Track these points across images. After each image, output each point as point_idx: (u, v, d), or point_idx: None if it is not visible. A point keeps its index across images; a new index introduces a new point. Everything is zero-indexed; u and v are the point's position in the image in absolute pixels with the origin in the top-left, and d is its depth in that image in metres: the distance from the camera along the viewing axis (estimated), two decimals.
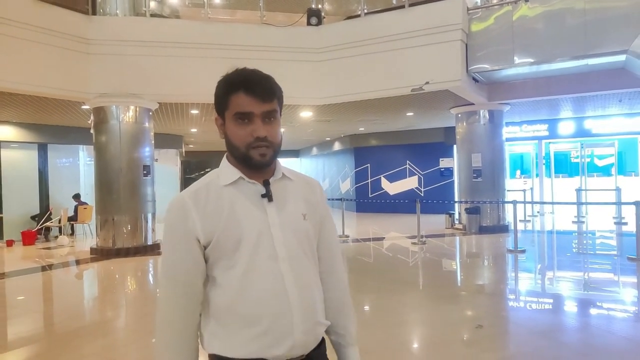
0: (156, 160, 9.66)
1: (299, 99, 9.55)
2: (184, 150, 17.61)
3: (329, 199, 12.96)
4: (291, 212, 1.27)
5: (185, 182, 23.97)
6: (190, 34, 8.85)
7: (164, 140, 13.70)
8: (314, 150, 21.45)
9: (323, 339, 1.31)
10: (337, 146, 18.32)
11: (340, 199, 11.98)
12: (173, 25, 9.19)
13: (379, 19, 8.99)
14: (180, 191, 1.39)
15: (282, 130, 1.30)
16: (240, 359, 1.19)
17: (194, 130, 13.90)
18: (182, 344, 1.23)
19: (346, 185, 17.69)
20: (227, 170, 1.26)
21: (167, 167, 14.19)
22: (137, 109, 9.07)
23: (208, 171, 1.34)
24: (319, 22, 9.33)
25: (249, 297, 1.19)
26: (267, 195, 1.24)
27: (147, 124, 9.30)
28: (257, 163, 1.22)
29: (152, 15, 9.02)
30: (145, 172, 9.26)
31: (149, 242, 9.25)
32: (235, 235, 1.20)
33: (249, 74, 1.25)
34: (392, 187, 16.00)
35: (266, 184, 1.25)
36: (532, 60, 8.27)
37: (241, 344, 1.19)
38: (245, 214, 1.22)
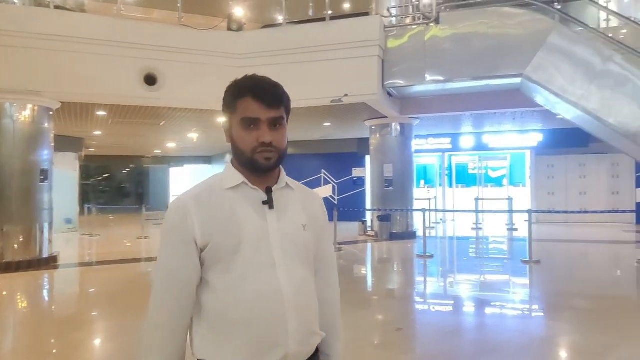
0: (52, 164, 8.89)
1: (216, 104, 9.33)
2: (83, 154, 16.42)
3: None
4: (291, 221, 1.27)
5: (82, 188, 22.37)
6: (100, 30, 8.30)
7: (62, 143, 12.65)
8: (227, 157, 21.07)
9: (317, 350, 1.31)
10: None
11: None
12: (80, 20, 8.58)
13: (301, 29, 9.14)
14: (79, 199, 1.34)
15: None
16: None
17: (98, 132, 13.07)
18: (170, 346, 1.21)
19: None
20: (230, 174, 1.27)
21: (64, 172, 13.10)
22: (36, 107, 8.30)
23: (106, 177, 1.32)
24: (240, 28, 9.26)
25: (243, 302, 1.18)
26: (269, 203, 1.24)
27: (46, 124, 8.53)
28: (262, 166, 1.23)
29: (56, 7, 8.36)
30: (42, 177, 8.43)
31: (45, 255, 8.37)
32: (233, 239, 1.19)
33: (258, 80, 1.27)
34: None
35: (268, 191, 1.26)
36: (441, 79, 8.87)
37: (232, 351, 1.17)
38: (245, 219, 1.22)
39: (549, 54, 7.99)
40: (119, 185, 26.39)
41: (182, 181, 24.15)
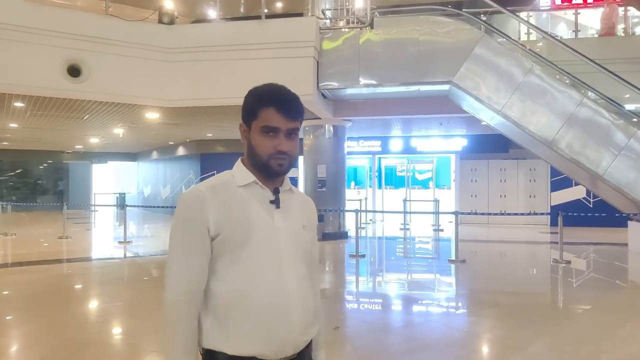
0: None
1: (144, 99, 8.98)
2: None
3: (170, 207, 12.22)
4: (294, 221, 1.39)
5: None
6: (16, 16, 7.67)
7: None
8: (154, 154, 20.29)
9: (310, 341, 1.41)
10: (181, 151, 17.61)
11: None
12: None
13: (235, 26, 8.99)
14: None
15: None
16: (234, 356, 1.26)
17: (13, 125, 12.08)
18: (190, 328, 1.28)
19: None
20: (242, 173, 1.37)
21: None
22: None
23: (19, 172, 1.28)
24: (172, 22, 8.93)
25: (252, 293, 1.26)
26: (276, 202, 1.36)
27: None
28: (275, 171, 1.34)
29: None
30: None
31: None
32: (244, 232, 1.29)
33: (283, 92, 1.37)
34: None
35: (276, 191, 1.37)
36: (374, 82, 9.06)
37: (238, 340, 1.26)
38: (255, 215, 1.31)
39: (476, 63, 8.41)
40: (35, 181, 24.59)
41: (105, 178, 22.97)
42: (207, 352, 1.29)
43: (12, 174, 23.74)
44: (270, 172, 1.34)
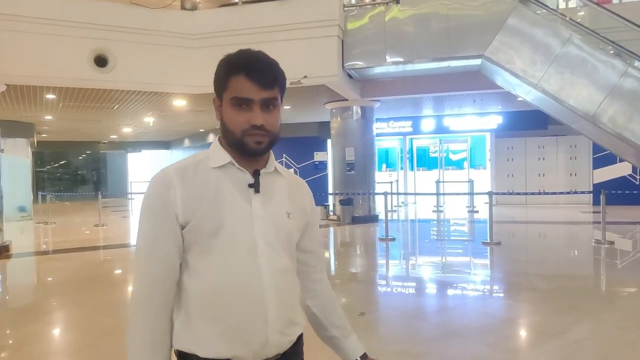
0: (1, 150, 8.38)
1: (171, 86, 8.99)
2: (35, 140, 15.62)
3: None
4: (276, 207, 1.22)
5: (37, 176, 21.41)
6: (45, 9, 7.77)
7: (11, 128, 11.98)
8: (186, 142, 20.53)
9: (299, 338, 1.28)
10: (211, 138, 17.71)
11: None
12: None
13: (257, 9, 8.80)
14: (33, 187, 1.15)
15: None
16: (207, 359, 1.12)
17: (48, 117, 12.40)
18: (157, 324, 1.14)
19: None
20: (217, 153, 1.20)
21: (15, 159, 12.48)
22: None
23: (61, 164, 1.15)
24: (194, 7, 8.85)
25: (222, 287, 1.12)
26: (255, 186, 1.19)
27: None
28: (251, 150, 1.17)
29: None
30: None
31: None
32: (215, 221, 1.14)
33: (252, 56, 1.17)
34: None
35: (256, 174, 1.20)
36: (401, 60, 8.75)
37: (210, 341, 1.12)
38: (228, 201, 1.16)
39: (509, 35, 7.97)
40: (75, 171, 25.42)
41: (140, 167, 23.46)
42: (180, 354, 1.16)
43: (55, 165, 24.59)
44: (247, 151, 1.17)
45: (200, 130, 17.74)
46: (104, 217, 11.81)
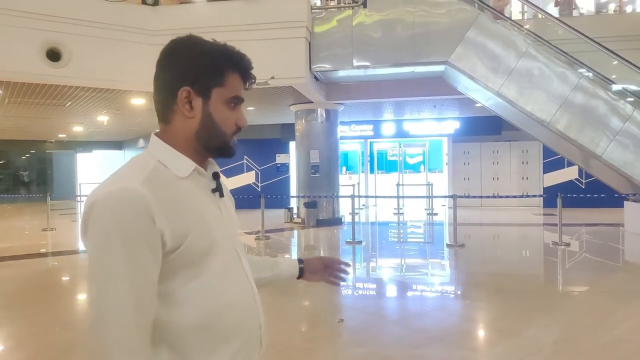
0: None
1: (129, 83, 8.62)
2: None
3: None
4: (231, 208, 1.16)
5: None
6: None
7: None
8: (141, 142, 19.83)
9: None
10: None
11: None
12: None
13: (222, 6, 8.61)
14: None
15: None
16: None
17: None
18: None
19: None
20: (176, 159, 1.02)
21: None
22: None
23: (4, 164, 0.95)
24: (156, 3, 8.54)
25: (229, 308, 1.01)
26: (219, 190, 1.09)
27: None
28: (233, 152, 1.10)
29: None
30: None
31: None
32: (207, 237, 1.00)
33: (243, 54, 1.10)
34: (229, 182, 15.66)
35: (216, 176, 1.10)
36: (368, 64, 8.79)
37: None
38: (208, 213, 1.03)
39: (472, 43, 8.18)
40: (16, 172, 24.00)
41: (90, 168, 22.47)
42: None
43: None
44: (228, 154, 1.09)
45: (157, 130, 17.17)
46: (52, 221, 11.18)
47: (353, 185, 14.58)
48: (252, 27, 8.26)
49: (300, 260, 1.43)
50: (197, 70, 1.03)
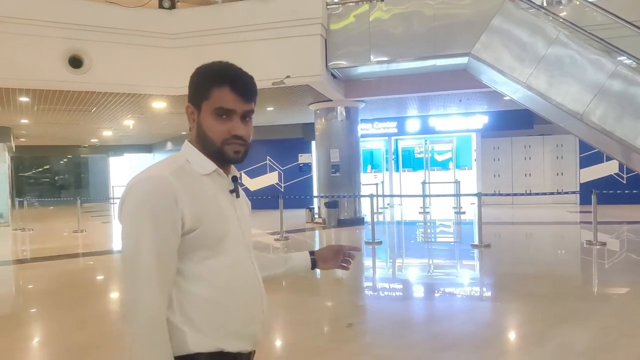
0: None
1: (149, 87, 8.68)
2: (13, 145, 15.16)
3: None
4: (245, 209, 1.34)
5: (17, 181, 20.81)
6: (16, 7, 7.41)
7: None
8: (169, 145, 20.10)
9: None
10: None
11: None
12: None
13: (238, 7, 8.54)
14: (10, 192, 0.97)
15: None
16: (215, 353, 1.16)
17: (24, 121, 11.96)
18: (166, 335, 1.12)
19: None
20: (201, 160, 1.22)
21: None
22: None
23: (42, 169, 0.91)
24: (173, 6, 8.55)
25: (237, 289, 1.21)
26: (236, 191, 1.27)
27: None
28: (230, 159, 1.23)
29: None
30: None
31: None
32: (222, 225, 1.20)
33: (237, 71, 1.24)
34: (253, 183, 15.67)
35: (234, 179, 1.28)
36: (386, 59, 8.55)
37: (215, 339, 1.17)
38: (224, 206, 1.23)
39: (496, 33, 7.82)
40: (56, 176, 24.85)
41: (122, 171, 22.99)
42: (182, 358, 1.14)
43: (36, 170, 23.98)
44: (226, 160, 1.23)
45: (183, 132, 17.35)
46: (83, 223, 11.43)
47: (376, 185, 14.34)
48: (267, 27, 8.16)
49: (311, 252, 1.61)
50: (192, 89, 1.25)
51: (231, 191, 1.25)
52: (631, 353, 3.49)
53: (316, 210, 11.78)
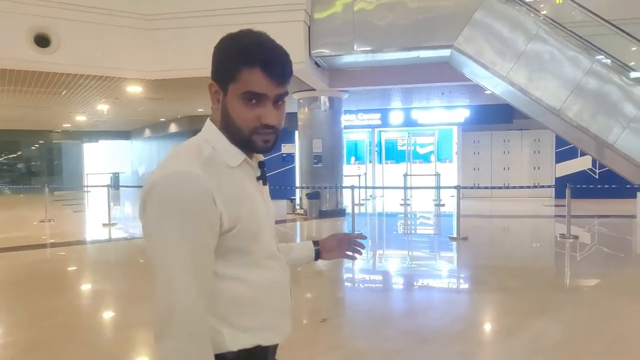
0: None
1: (123, 70, 8.39)
2: None
3: None
4: (269, 196, 1.23)
5: None
6: None
7: None
8: (147, 132, 19.70)
9: None
10: (173, 128, 17.02)
11: None
12: None
13: None
14: None
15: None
16: (245, 349, 1.09)
17: None
18: (208, 340, 1.03)
19: None
20: (230, 150, 1.10)
21: None
22: None
23: (16, 155, 0.73)
24: None
25: (270, 283, 1.14)
26: (263, 178, 1.17)
27: None
28: (259, 149, 1.10)
29: None
30: None
31: None
32: (257, 220, 1.10)
33: (270, 47, 1.08)
34: None
35: (262, 165, 1.17)
36: (370, 48, 8.43)
37: (252, 334, 1.11)
38: (256, 199, 1.12)
39: (479, 26, 7.77)
40: (27, 162, 24.11)
41: (98, 158, 22.47)
42: (219, 357, 1.06)
43: (3, 156, 23.24)
44: (253, 150, 1.11)
45: (162, 119, 17.01)
46: (52, 212, 11.05)
47: (359, 176, 14.28)
48: (247, 11, 7.96)
49: (315, 243, 1.49)
50: (217, 66, 1.09)
51: (258, 178, 1.15)
52: (600, 346, 3.47)
53: (298, 202, 11.65)
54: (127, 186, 19.59)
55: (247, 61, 1.04)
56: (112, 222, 9.98)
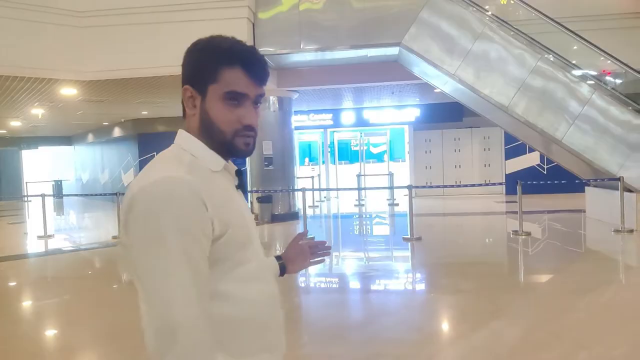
0: None
1: (55, 71, 7.79)
2: None
3: (109, 194, 10.98)
4: (247, 204, 1.18)
5: None
6: None
7: None
8: (90, 137, 18.74)
9: None
10: (117, 132, 16.23)
11: (123, 194, 10.41)
12: None
13: None
14: None
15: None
16: None
17: None
18: None
19: (129, 177, 15.80)
20: (209, 155, 1.05)
21: None
22: None
23: None
24: None
25: (263, 300, 1.07)
26: (241, 186, 1.14)
27: None
28: (240, 153, 1.06)
29: None
30: None
31: None
32: (245, 229, 1.05)
33: (249, 48, 1.07)
34: None
35: (239, 173, 1.13)
36: (317, 47, 8.24)
37: (249, 357, 1.03)
38: (242, 205, 1.10)
39: (426, 24, 7.74)
40: None
41: (38, 166, 21.25)
42: None
43: None
44: (234, 154, 1.07)
45: (105, 123, 16.18)
46: None
47: (313, 177, 14.08)
48: (187, 8, 7.59)
49: (278, 257, 1.38)
50: (194, 68, 1.05)
51: (237, 187, 1.11)
52: (554, 343, 3.38)
53: (248, 206, 11.29)
54: (70, 195, 18.61)
55: (229, 61, 1.03)
56: (48, 234, 9.30)
